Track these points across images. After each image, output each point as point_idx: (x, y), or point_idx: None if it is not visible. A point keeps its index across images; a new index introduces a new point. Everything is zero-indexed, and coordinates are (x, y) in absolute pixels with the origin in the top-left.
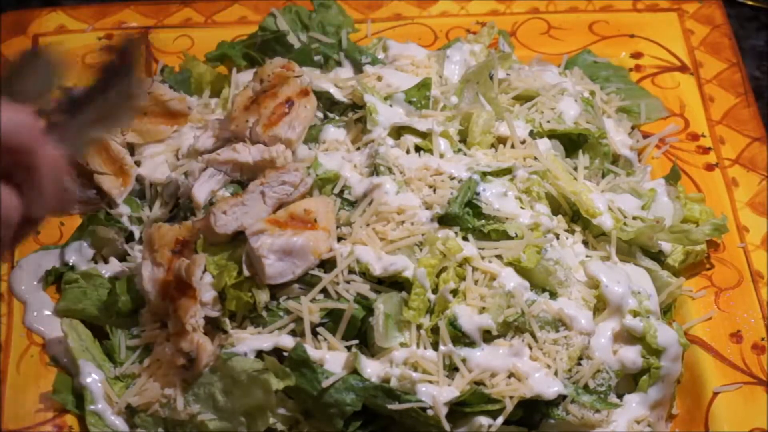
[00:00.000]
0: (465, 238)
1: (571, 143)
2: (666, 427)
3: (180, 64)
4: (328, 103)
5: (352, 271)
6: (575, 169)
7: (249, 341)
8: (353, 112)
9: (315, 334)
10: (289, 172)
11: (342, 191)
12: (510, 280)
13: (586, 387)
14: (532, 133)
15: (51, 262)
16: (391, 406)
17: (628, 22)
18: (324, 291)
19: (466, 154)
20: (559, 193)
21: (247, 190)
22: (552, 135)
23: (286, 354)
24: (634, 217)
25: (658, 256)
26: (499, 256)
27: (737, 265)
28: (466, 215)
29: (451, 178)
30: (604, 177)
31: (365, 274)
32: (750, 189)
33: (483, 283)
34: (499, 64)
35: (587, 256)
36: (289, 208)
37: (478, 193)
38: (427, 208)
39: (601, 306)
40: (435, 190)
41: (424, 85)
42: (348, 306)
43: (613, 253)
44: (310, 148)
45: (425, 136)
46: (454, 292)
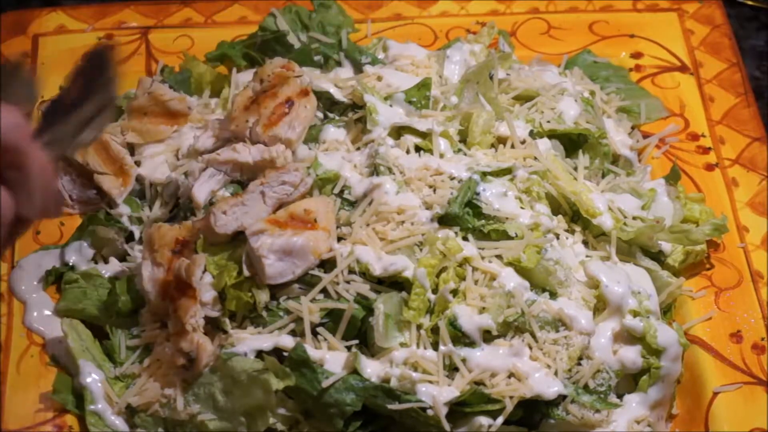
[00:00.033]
0: (465, 238)
1: (571, 143)
2: (666, 427)
3: (180, 64)
4: (328, 103)
5: (352, 271)
6: (575, 169)
7: (249, 341)
8: (353, 112)
9: (315, 334)
10: (289, 172)
11: (342, 191)
12: (510, 280)
13: (586, 387)
14: (532, 133)
15: (51, 262)
16: (391, 406)
17: (628, 22)
18: (324, 291)
19: (466, 154)
20: (559, 193)
21: (247, 190)
22: (552, 135)
23: (286, 354)
24: (634, 217)
25: (658, 256)
26: (499, 256)
27: (737, 265)
28: (466, 215)
29: (451, 178)
30: (604, 177)
31: (365, 274)
32: (750, 189)
33: (483, 283)
34: (499, 64)
35: (587, 256)
36: (289, 208)
37: (478, 193)
38: (427, 208)
39: (601, 306)
40: (435, 190)
41: (424, 85)
42: (348, 306)
43: (613, 253)
44: (310, 148)
45: (425, 136)
46: (454, 292)
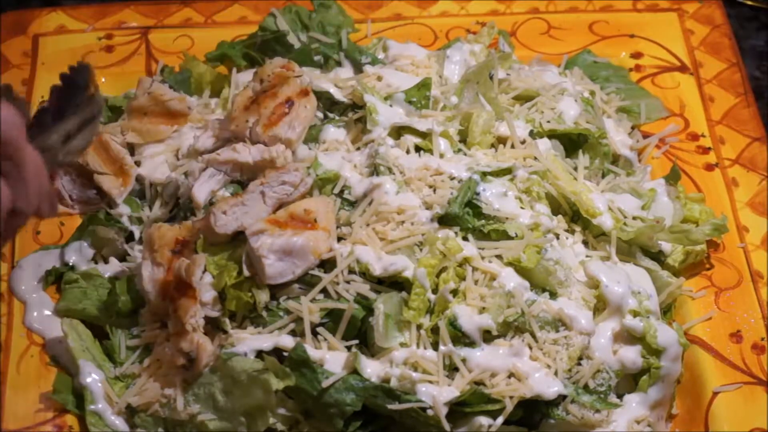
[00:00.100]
0: (465, 238)
1: (571, 143)
2: (666, 427)
3: (180, 64)
4: (328, 103)
5: (352, 271)
6: (575, 169)
7: (249, 341)
8: (353, 112)
9: (315, 334)
10: (289, 172)
11: (342, 191)
12: (510, 280)
13: (586, 387)
14: (532, 133)
15: (51, 262)
16: (391, 406)
17: (628, 22)
18: (324, 291)
19: (466, 154)
20: (559, 193)
21: (247, 190)
22: (552, 135)
23: (286, 354)
24: (634, 217)
25: (658, 256)
26: (499, 256)
27: (737, 265)
28: (466, 215)
29: (451, 178)
30: (604, 177)
31: (365, 274)
32: (750, 189)
33: (483, 283)
34: (499, 64)
35: (587, 256)
36: (289, 208)
37: (478, 193)
38: (427, 208)
39: (601, 306)
40: (435, 190)
41: (424, 85)
42: (348, 306)
43: (613, 253)
44: (310, 148)
45: (425, 136)
46: (454, 292)
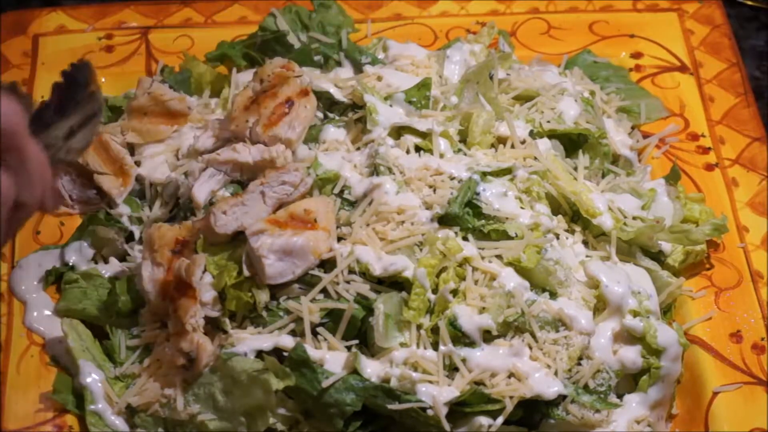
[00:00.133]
0: (465, 238)
1: (571, 143)
2: (666, 427)
3: (180, 64)
4: (328, 103)
5: (352, 271)
6: (575, 169)
7: (249, 341)
8: (353, 112)
9: (315, 334)
10: (289, 172)
11: (342, 191)
12: (510, 280)
13: (586, 387)
14: (532, 133)
15: (51, 262)
16: (391, 406)
17: (628, 22)
18: (324, 291)
19: (466, 154)
20: (559, 193)
21: (247, 190)
22: (552, 135)
23: (286, 354)
24: (634, 217)
25: (658, 256)
26: (499, 256)
27: (737, 265)
28: (466, 215)
29: (451, 178)
30: (604, 177)
31: (365, 274)
32: (750, 189)
33: (483, 283)
34: (499, 64)
35: (587, 256)
36: (289, 208)
37: (478, 193)
38: (427, 208)
39: (601, 306)
40: (435, 190)
41: (424, 85)
42: (348, 306)
43: (613, 253)
44: (310, 148)
45: (425, 136)
46: (454, 292)
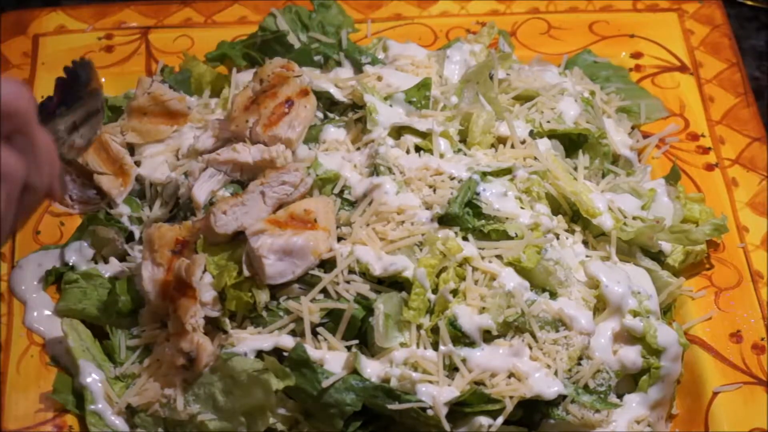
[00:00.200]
0: (465, 238)
1: (571, 143)
2: (666, 427)
3: (180, 64)
4: (328, 103)
5: (352, 271)
6: (575, 169)
7: (249, 341)
8: (353, 112)
9: (315, 334)
10: (289, 172)
11: (342, 191)
12: (510, 280)
13: (586, 387)
14: (532, 133)
15: (51, 262)
16: (391, 406)
17: (628, 22)
18: (324, 291)
19: (466, 154)
20: (559, 193)
21: (247, 190)
22: (552, 135)
23: (286, 354)
24: (634, 217)
25: (658, 256)
26: (499, 256)
27: (737, 265)
28: (466, 215)
29: (451, 178)
30: (604, 177)
31: (365, 274)
32: (750, 189)
33: (483, 283)
34: (499, 64)
35: (587, 256)
36: (289, 208)
37: (478, 193)
38: (427, 208)
39: (601, 306)
40: (435, 190)
41: (424, 85)
42: (348, 306)
43: (613, 253)
44: (310, 148)
45: (425, 136)
46: (454, 292)
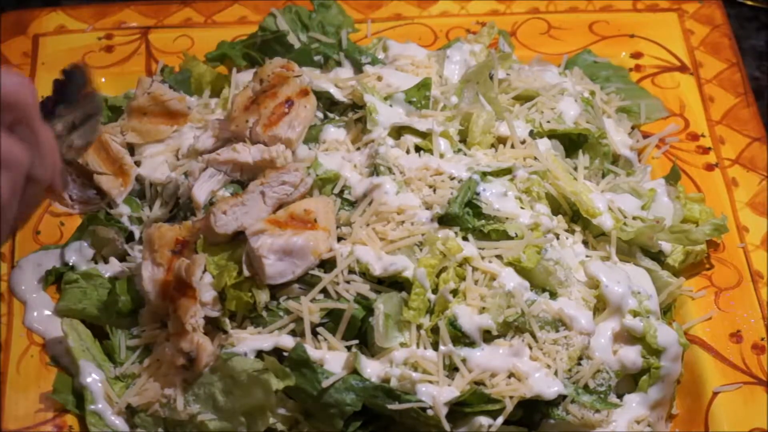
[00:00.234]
0: (465, 238)
1: (571, 143)
2: (666, 427)
3: (180, 64)
4: (328, 103)
5: (352, 271)
6: (575, 169)
7: (249, 341)
8: (353, 112)
9: (315, 334)
10: (289, 172)
11: (342, 191)
12: (510, 280)
13: (586, 387)
14: (532, 133)
15: (51, 262)
16: (391, 406)
17: (628, 22)
18: (324, 291)
19: (466, 154)
20: (559, 193)
21: (247, 190)
22: (552, 135)
23: (286, 354)
24: (634, 217)
25: (658, 256)
26: (499, 256)
27: (737, 265)
28: (466, 215)
29: (451, 178)
30: (604, 177)
31: (365, 274)
32: (750, 189)
33: (483, 283)
34: (499, 64)
35: (587, 256)
36: (289, 208)
37: (478, 193)
38: (427, 208)
39: (601, 306)
40: (435, 190)
41: (424, 85)
42: (348, 306)
43: (613, 253)
44: (310, 148)
45: (425, 136)
46: (454, 292)
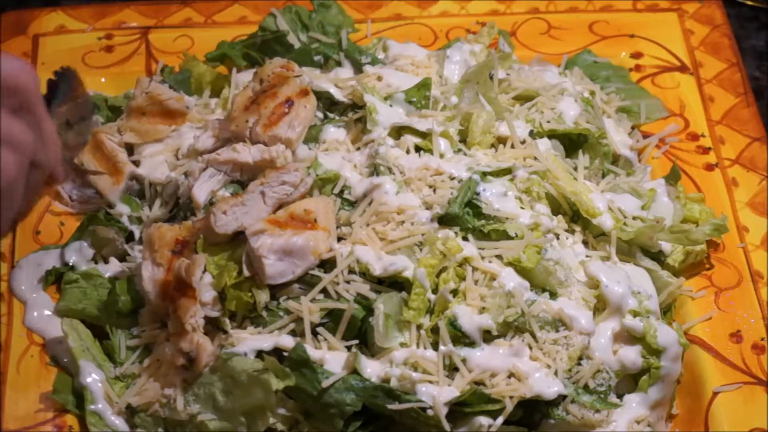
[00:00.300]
0: (465, 238)
1: (571, 143)
2: (666, 427)
3: (180, 64)
4: (328, 103)
5: (352, 271)
6: (575, 169)
7: (249, 341)
8: (353, 112)
9: (315, 334)
10: (289, 172)
11: (342, 191)
12: (510, 280)
13: (586, 387)
14: (532, 133)
15: (51, 262)
16: (391, 406)
17: (628, 22)
18: (324, 291)
19: (466, 154)
20: (559, 193)
21: (247, 190)
22: (552, 135)
23: (286, 354)
24: (634, 217)
25: (658, 256)
26: (499, 256)
27: (737, 265)
28: (466, 215)
29: (451, 178)
30: (604, 177)
31: (365, 274)
32: (750, 189)
33: (483, 283)
34: (499, 64)
35: (587, 256)
36: (289, 208)
37: (478, 193)
38: (427, 208)
39: (601, 306)
40: (435, 190)
41: (424, 85)
42: (348, 306)
43: (613, 253)
44: (310, 148)
45: (425, 136)
46: (454, 292)
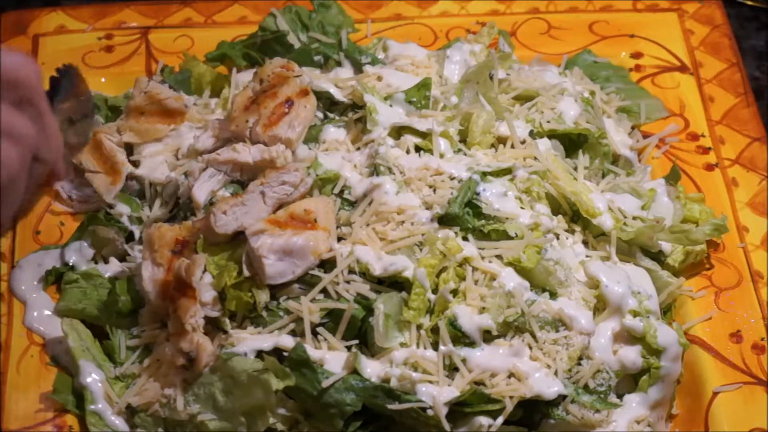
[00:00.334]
0: (465, 238)
1: (571, 143)
2: (666, 427)
3: (180, 64)
4: (328, 103)
5: (352, 271)
6: (575, 169)
7: (249, 341)
8: (353, 112)
9: (315, 334)
10: (289, 172)
11: (342, 191)
12: (510, 280)
13: (586, 387)
14: (532, 133)
15: (51, 262)
16: (391, 406)
17: (628, 22)
18: (324, 291)
19: (466, 154)
20: (559, 193)
21: (247, 190)
22: (552, 135)
23: (286, 354)
24: (634, 217)
25: (658, 256)
26: (499, 256)
27: (737, 265)
28: (466, 215)
29: (451, 178)
30: (604, 177)
31: (365, 274)
32: (750, 189)
33: (483, 283)
34: (499, 64)
35: (587, 256)
36: (289, 208)
37: (478, 193)
38: (427, 208)
39: (601, 306)
40: (435, 190)
41: (424, 85)
42: (348, 306)
43: (613, 253)
44: (310, 148)
45: (425, 136)
46: (454, 292)
